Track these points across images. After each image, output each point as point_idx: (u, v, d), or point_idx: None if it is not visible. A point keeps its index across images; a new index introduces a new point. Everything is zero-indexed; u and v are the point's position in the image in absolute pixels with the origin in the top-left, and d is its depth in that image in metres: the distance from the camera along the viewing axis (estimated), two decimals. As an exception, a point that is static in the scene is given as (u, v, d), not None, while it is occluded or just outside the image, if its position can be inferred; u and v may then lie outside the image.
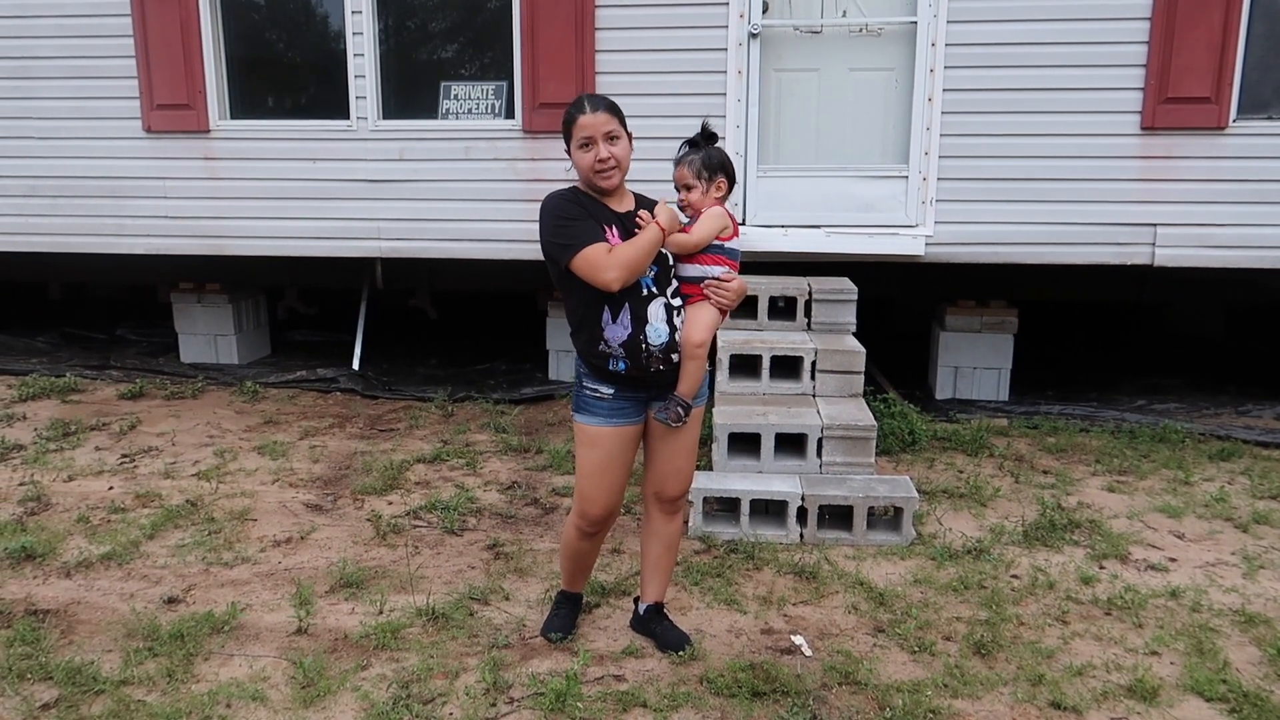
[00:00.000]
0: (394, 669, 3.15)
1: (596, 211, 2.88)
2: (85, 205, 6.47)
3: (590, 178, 2.86)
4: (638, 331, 2.86)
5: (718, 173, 2.99)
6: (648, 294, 2.87)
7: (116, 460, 5.10)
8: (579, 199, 2.90)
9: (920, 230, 5.82)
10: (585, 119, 2.81)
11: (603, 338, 2.86)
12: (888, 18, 5.71)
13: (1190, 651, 3.27)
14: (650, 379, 2.93)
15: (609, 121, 2.82)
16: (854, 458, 4.47)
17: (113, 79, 6.27)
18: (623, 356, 2.87)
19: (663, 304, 2.89)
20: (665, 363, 2.91)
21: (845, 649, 3.27)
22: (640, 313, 2.86)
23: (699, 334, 2.93)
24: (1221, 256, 5.67)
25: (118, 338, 7.82)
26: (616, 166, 2.84)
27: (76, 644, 3.30)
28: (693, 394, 2.97)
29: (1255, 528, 4.30)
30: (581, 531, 3.13)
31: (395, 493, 4.68)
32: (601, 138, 2.81)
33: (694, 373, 2.95)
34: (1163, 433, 5.51)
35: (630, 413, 2.98)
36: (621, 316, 2.85)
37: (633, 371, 2.89)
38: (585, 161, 2.84)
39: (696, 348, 2.93)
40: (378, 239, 6.27)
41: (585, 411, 2.98)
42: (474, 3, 6.08)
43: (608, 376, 2.92)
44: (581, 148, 2.83)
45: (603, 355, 2.88)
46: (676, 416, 2.96)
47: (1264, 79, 5.50)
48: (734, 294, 2.98)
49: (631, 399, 2.96)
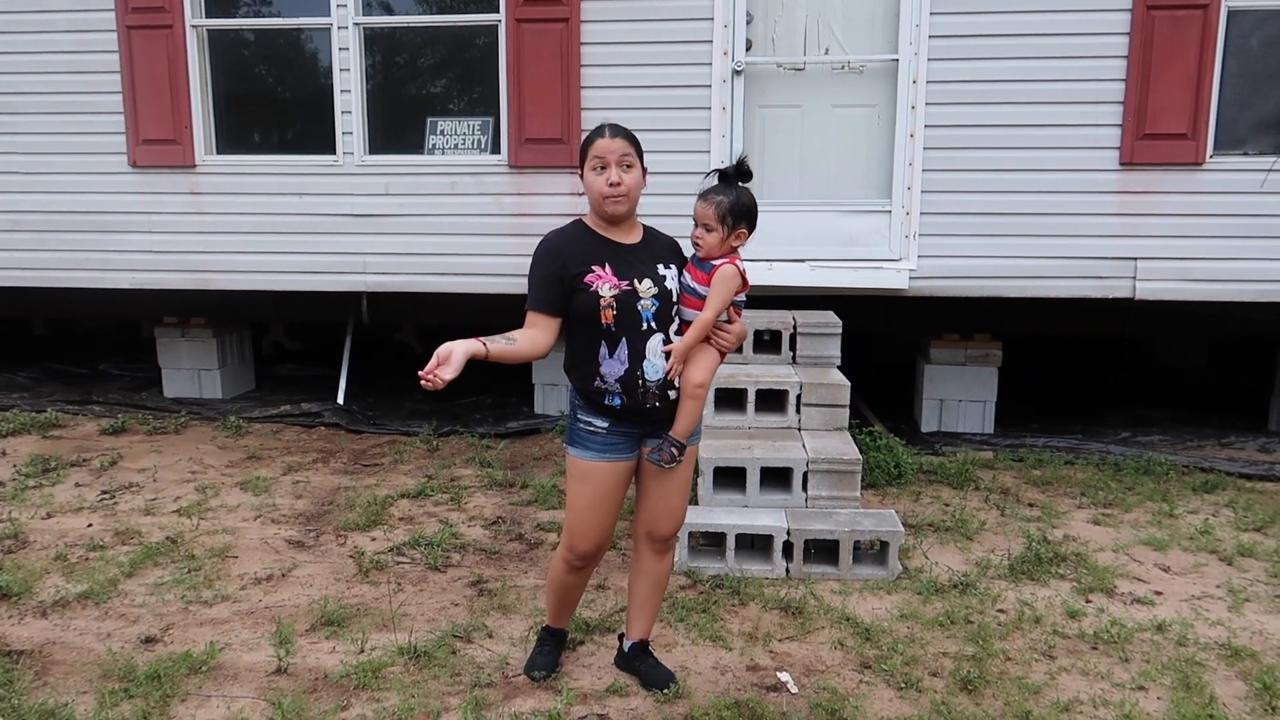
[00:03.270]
0: (374, 709, 3.10)
1: (590, 248, 2.86)
2: (70, 240, 6.45)
3: (599, 202, 2.85)
4: (635, 367, 2.84)
5: (743, 221, 2.88)
6: (647, 329, 2.85)
7: (96, 497, 5.05)
8: (568, 239, 2.88)
9: (904, 264, 5.86)
10: (603, 142, 2.82)
11: (599, 373, 2.85)
12: (869, 55, 5.79)
13: (1177, 686, 3.26)
14: (646, 415, 2.91)
15: (626, 148, 2.83)
16: (840, 491, 4.46)
17: (99, 114, 6.29)
18: (619, 392, 2.86)
19: (661, 339, 2.88)
20: (662, 399, 2.89)
21: (831, 686, 3.25)
22: (638, 348, 2.84)
23: (700, 375, 2.90)
24: (1201, 290, 5.73)
25: (100, 373, 7.77)
26: (626, 194, 2.83)
27: (51, 685, 3.24)
28: (689, 434, 2.96)
29: (1240, 560, 4.31)
30: (570, 565, 3.10)
31: (378, 528, 4.64)
32: (615, 162, 2.81)
33: (692, 413, 2.92)
34: (1147, 465, 5.52)
35: (624, 448, 2.96)
36: (619, 352, 2.83)
37: (628, 407, 2.87)
38: (597, 184, 2.83)
39: (697, 387, 2.90)
40: (363, 273, 6.27)
41: (579, 445, 2.96)
42: (461, 39, 6.14)
43: (603, 410, 2.90)
44: (595, 170, 2.83)
45: (599, 390, 2.87)
46: (670, 458, 2.92)
47: (1239, 116, 5.59)
48: (736, 338, 2.97)
49: (625, 435, 2.94)
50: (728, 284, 2.87)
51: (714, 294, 2.87)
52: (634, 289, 2.84)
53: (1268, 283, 5.66)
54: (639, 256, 2.90)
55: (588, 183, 2.86)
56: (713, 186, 2.94)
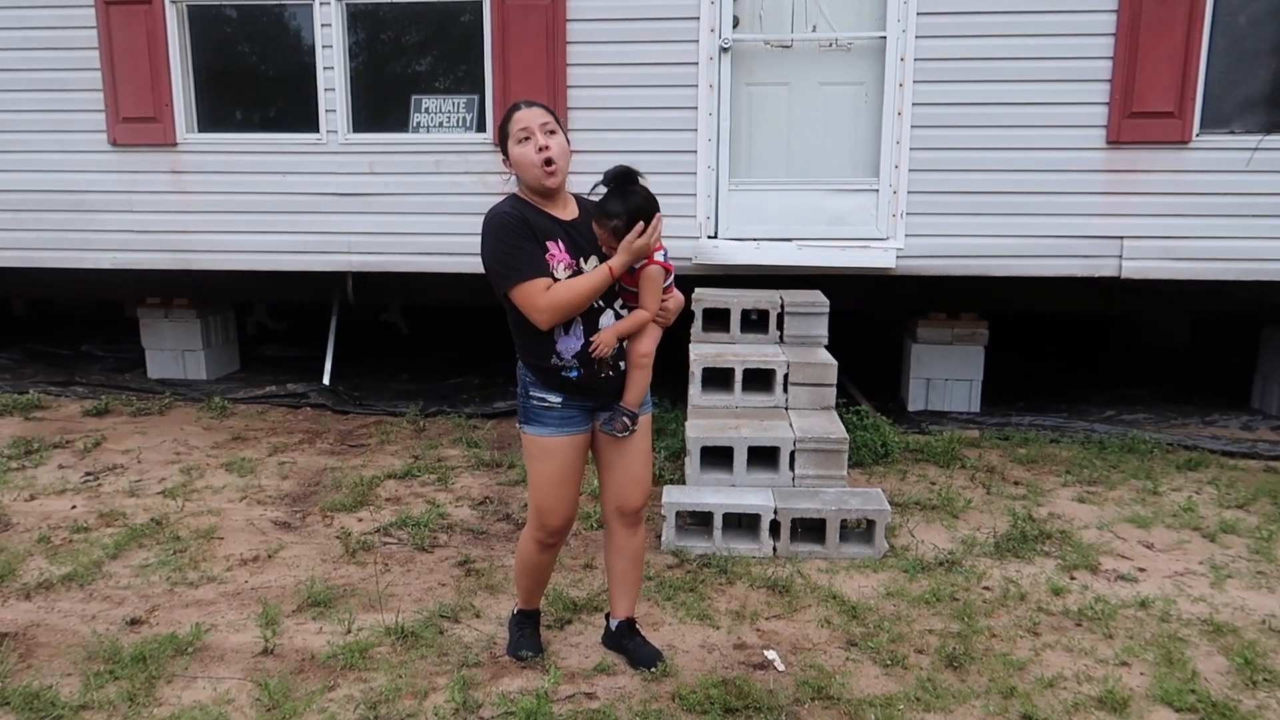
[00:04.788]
0: (361, 689, 3.10)
1: (540, 224, 2.84)
2: (50, 220, 6.37)
3: (533, 173, 2.82)
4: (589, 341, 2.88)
5: (638, 219, 2.81)
6: (598, 307, 2.90)
7: (80, 479, 5.01)
8: (523, 213, 2.85)
9: (891, 243, 5.86)
10: (520, 114, 2.84)
11: (555, 350, 2.88)
12: (857, 33, 5.76)
13: (1159, 662, 3.29)
14: (600, 385, 2.94)
15: (544, 115, 2.83)
16: (826, 470, 4.47)
17: (78, 91, 6.19)
18: (575, 366, 2.89)
19: (612, 316, 2.92)
20: (614, 370, 2.95)
21: (818, 663, 3.26)
22: (592, 325, 2.89)
23: (645, 344, 2.97)
24: (1187, 268, 5.75)
25: (83, 354, 7.70)
26: (557, 162, 2.81)
27: (35, 668, 3.23)
28: (639, 403, 3.00)
29: (1222, 537, 4.34)
30: (541, 544, 3.11)
31: (365, 509, 4.63)
32: (538, 129, 2.80)
33: (640, 381, 2.98)
34: (1131, 443, 5.56)
35: (579, 421, 2.99)
36: (574, 329, 2.87)
37: (584, 379, 2.90)
38: (526, 155, 2.80)
39: (643, 356, 2.96)
40: (348, 253, 6.22)
41: (535, 423, 2.97)
42: (445, 17, 6.07)
43: (558, 384, 2.92)
44: (520, 142, 2.81)
45: (555, 367, 2.89)
46: (623, 427, 2.98)
47: (1226, 94, 5.59)
48: (673, 314, 3.03)
49: (580, 408, 2.97)
50: (655, 283, 2.93)
51: (645, 295, 2.93)
52: (581, 269, 2.86)
53: (1253, 261, 5.68)
54: (582, 233, 2.90)
55: (515, 157, 2.84)
56: (599, 203, 2.86)
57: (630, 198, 2.83)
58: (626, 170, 2.83)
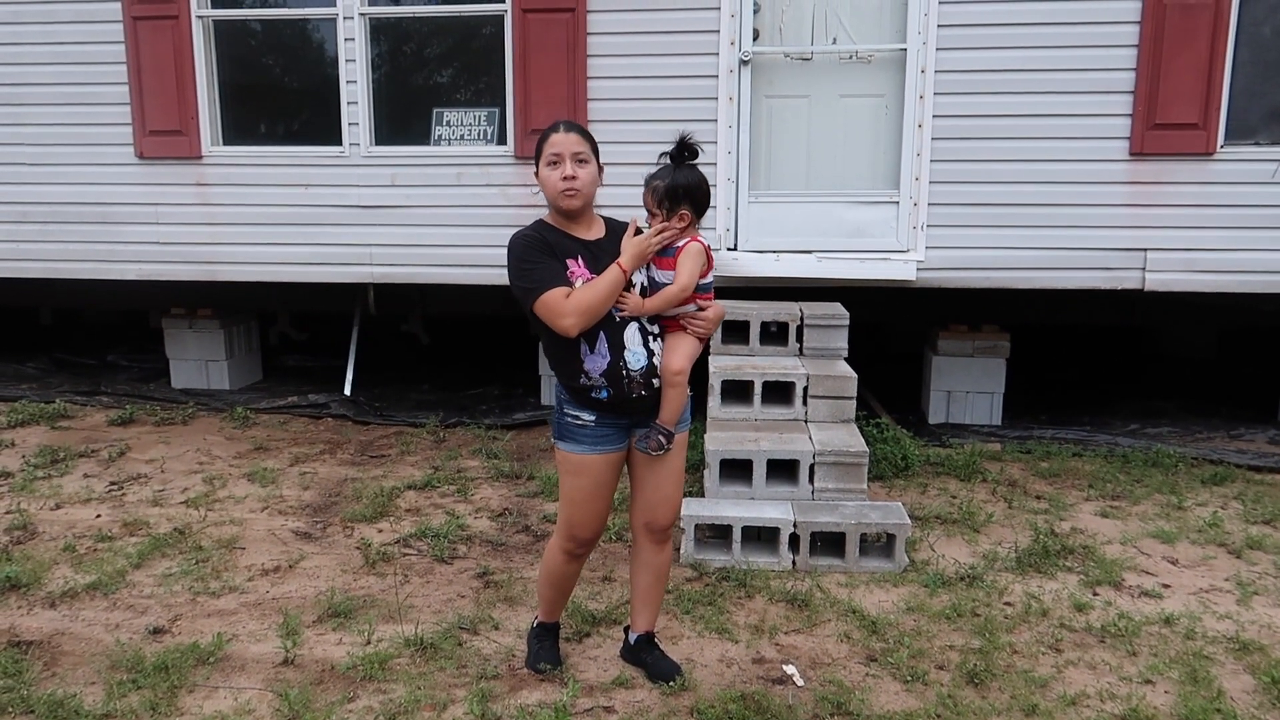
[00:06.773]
0: (381, 701, 3.11)
1: (561, 244, 2.87)
2: (77, 231, 6.46)
3: (555, 197, 2.87)
4: (617, 359, 2.86)
5: (683, 202, 2.86)
6: (621, 320, 2.88)
7: (105, 488, 5.07)
8: (543, 235, 2.89)
9: (911, 255, 5.84)
10: (557, 137, 2.85)
11: (583, 370, 2.87)
12: (877, 45, 5.75)
13: (1184, 680, 3.25)
14: (632, 404, 2.92)
15: (579, 144, 2.85)
16: (846, 484, 4.45)
17: (105, 105, 6.29)
18: (605, 385, 2.87)
19: (637, 328, 2.90)
20: (646, 388, 2.91)
21: (838, 678, 3.24)
22: (617, 340, 2.87)
23: (678, 361, 2.93)
24: (1211, 281, 5.69)
25: (109, 363, 7.79)
26: (579, 189, 2.84)
27: (60, 676, 3.26)
28: (674, 421, 2.97)
29: (1249, 553, 4.29)
30: (570, 554, 3.11)
31: (385, 520, 4.65)
32: (569, 157, 2.83)
33: (675, 400, 2.95)
34: (1155, 457, 5.50)
35: (614, 439, 2.97)
36: (599, 346, 2.86)
37: (615, 399, 2.89)
38: (552, 179, 2.84)
39: (676, 374, 2.93)
40: (370, 264, 6.27)
41: (569, 439, 2.97)
42: (466, 30, 6.12)
43: (590, 404, 2.92)
44: (549, 165, 2.85)
45: (585, 386, 2.89)
46: (658, 445, 2.95)
47: (1250, 105, 5.54)
48: (712, 323, 3.00)
49: (614, 425, 2.96)
50: (695, 260, 2.89)
51: (681, 269, 2.88)
52: None
53: (1279, 273, 5.62)
54: (605, 250, 2.90)
55: (543, 178, 2.88)
56: (656, 171, 2.92)
57: (684, 173, 2.86)
58: (686, 144, 2.88)
